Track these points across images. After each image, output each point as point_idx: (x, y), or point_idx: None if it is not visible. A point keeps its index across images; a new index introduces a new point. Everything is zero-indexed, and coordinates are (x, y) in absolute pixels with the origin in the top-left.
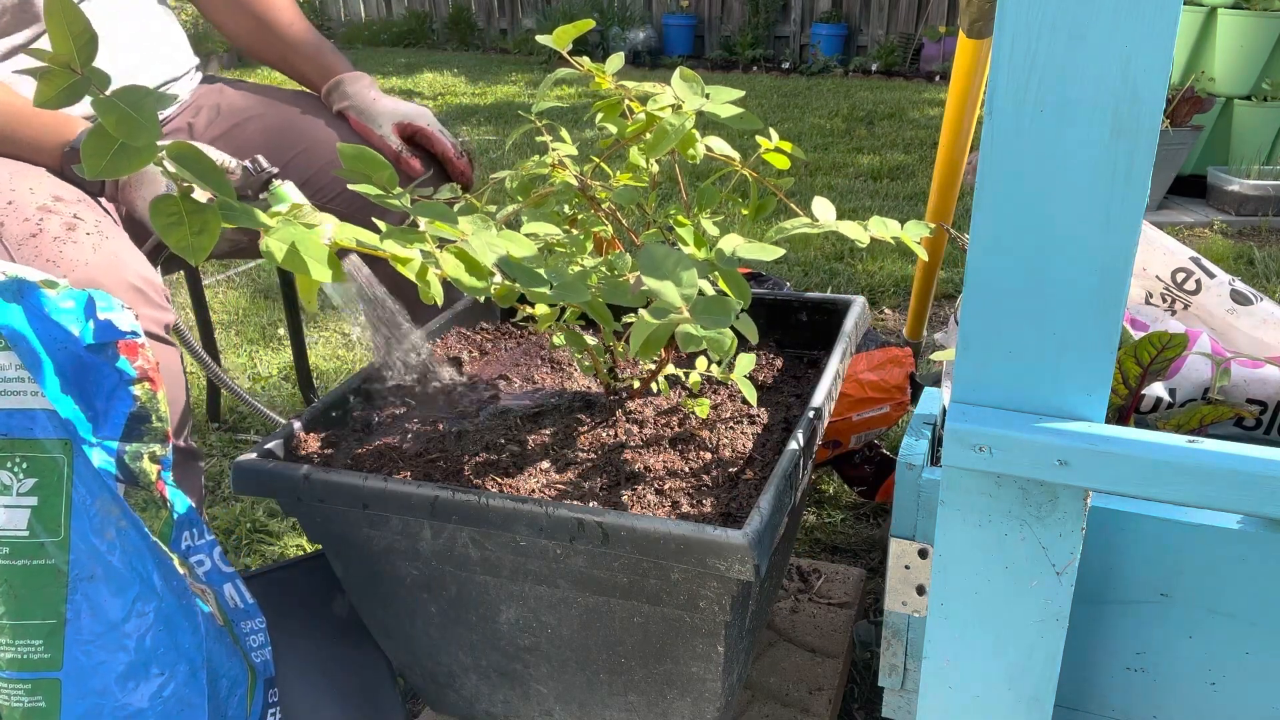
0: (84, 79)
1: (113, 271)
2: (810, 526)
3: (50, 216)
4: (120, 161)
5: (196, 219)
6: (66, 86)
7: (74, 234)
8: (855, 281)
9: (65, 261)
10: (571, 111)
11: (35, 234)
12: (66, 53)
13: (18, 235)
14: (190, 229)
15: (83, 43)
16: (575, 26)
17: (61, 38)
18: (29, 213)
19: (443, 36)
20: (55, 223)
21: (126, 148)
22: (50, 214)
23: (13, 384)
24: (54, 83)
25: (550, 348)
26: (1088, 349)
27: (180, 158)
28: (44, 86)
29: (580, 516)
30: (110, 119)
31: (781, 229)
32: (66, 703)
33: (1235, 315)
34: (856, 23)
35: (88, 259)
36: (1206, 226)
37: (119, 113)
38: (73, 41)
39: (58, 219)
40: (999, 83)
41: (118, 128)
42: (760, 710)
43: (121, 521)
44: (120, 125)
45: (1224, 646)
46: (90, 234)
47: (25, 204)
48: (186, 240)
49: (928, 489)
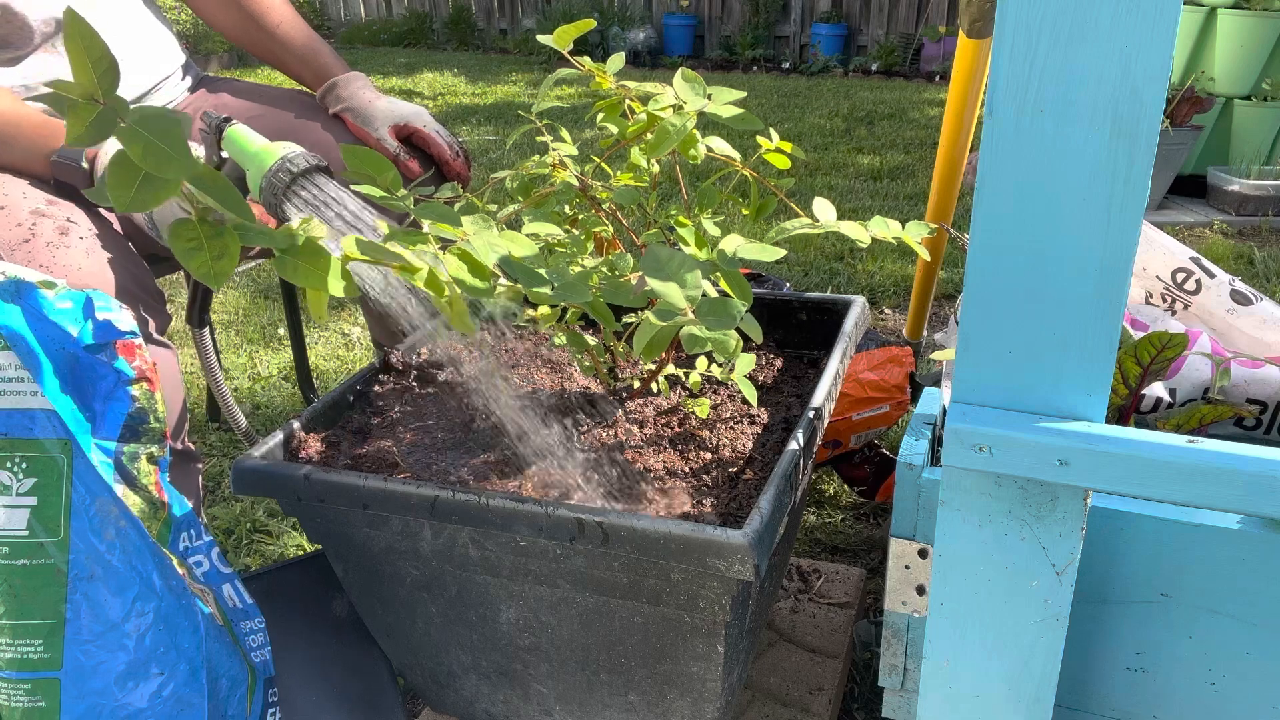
0: (109, 110)
1: (106, 275)
2: (810, 526)
3: (43, 221)
4: (147, 194)
5: (216, 244)
6: (94, 120)
7: (67, 239)
8: (855, 281)
9: (59, 267)
10: (571, 112)
11: (28, 239)
12: (89, 83)
13: (10, 240)
14: (210, 254)
15: (103, 70)
16: (576, 26)
17: (82, 66)
18: (21, 217)
19: (443, 36)
20: (48, 227)
21: (153, 179)
22: (43, 218)
23: (12, 384)
24: (82, 117)
25: (550, 348)
26: (1088, 349)
27: (200, 182)
28: (73, 123)
29: (580, 516)
30: (136, 149)
31: (782, 229)
32: (66, 702)
33: (1235, 315)
34: (856, 23)
35: (81, 264)
36: (1206, 226)
37: (144, 142)
38: (92, 69)
39: (51, 223)
40: (999, 83)
41: (144, 158)
42: (760, 710)
43: (121, 521)
44: (147, 156)
45: (1224, 646)
46: (84, 238)
47: (17, 208)
48: (207, 266)
49: (928, 489)
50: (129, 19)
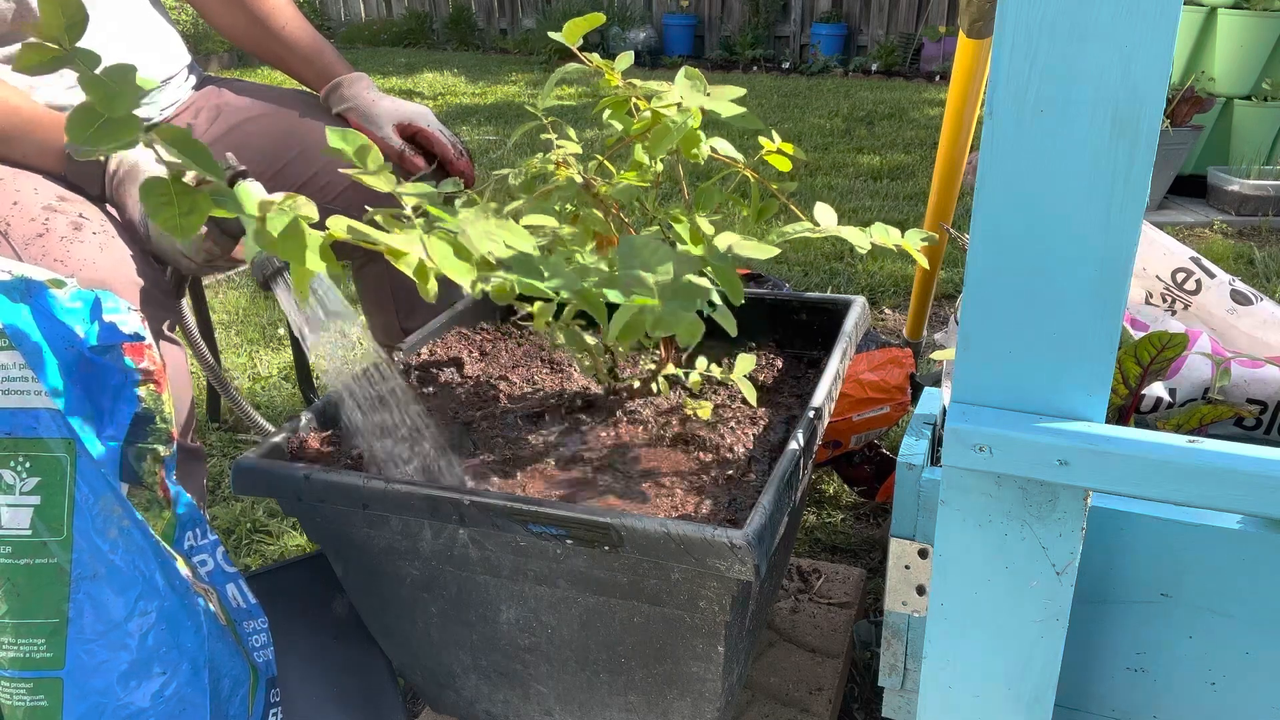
0: (67, 54)
1: (120, 270)
2: (810, 526)
3: (56, 216)
4: (104, 134)
5: (186, 200)
6: (49, 58)
7: (80, 233)
8: (855, 281)
9: (73, 260)
10: (572, 112)
11: (42, 233)
12: (56, 29)
13: (24, 235)
14: (179, 210)
15: (73, 22)
16: (587, 20)
17: (53, 14)
18: (35, 212)
19: (443, 36)
20: (61, 222)
21: (110, 121)
22: (56, 213)
23: (16, 383)
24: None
25: (550, 348)
26: (1088, 349)
27: (173, 141)
28: (24, 54)
29: (581, 517)
30: (96, 94)
31: (783, 233)
32: (68, 702)
33: (1235, 315)
34: (856, 23)
35: (95, 258)
36: (1206, 226)
37: (104, 88)
38: (63, 19)
39: (64, 218)
40: (999, 83)
41: (102, 104)
42: (760, 710)
43: (124, 520)
44: (104, 101)
45: (1224, 646)
46: (97, 233)
47: (30, 204)
48: (175, 220)
49: (928, 489)
50: (136, 18)
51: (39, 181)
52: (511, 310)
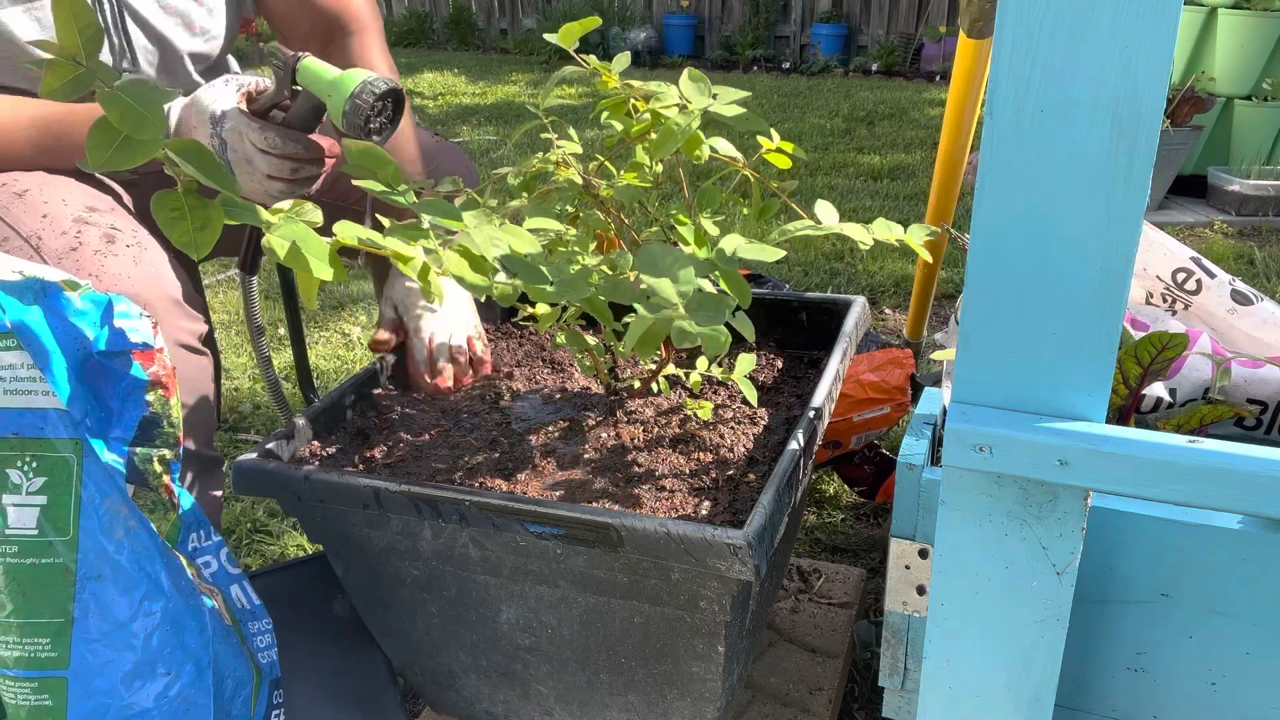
0: (88, 72)
1: (154, 285)
2: (810, 526)
3: (88, 229)
4: (124, 155)
5: (199, 215)
6: (72, 79)
7: (114, 246)
8: (855, 281)
9: (108, 276)
10: (573, 112)
11: (75, 247)
12: (72, 46)
13: (57, 249)
14: (193, 224)
15: (88, 36)
16: (581, 24)
17: (68, 30)
18: (65, 225)
19: (443, 36)
20: (94, 235)
21: (130, 141)
22: (88, 225)
23: (24, 383)
24: (59, 74)
25: (551, 348)
26: (1088, 349)
27: (185, 153)
28: (49, 77)
29: (581, 517)
30: (115, 112)
31: (784, 231)
32: (73, 701)
33: (1236, 315)
34: (857, 23)
35: (130, 273)
36: (1207, 226)
37: (124, 106)
38: (78, 35)
39: (96, 230)
40: (999, 83)
41: (122, 121)
42: (760, 710)
43: (130, 521)
44: (125, 119)
45: (1224, 646)
46: (130, 246)
47: (60, 216)
48: (188, 236)
49: (928, 489)
50: None
51: (67, 190)
52: (512, 310)
